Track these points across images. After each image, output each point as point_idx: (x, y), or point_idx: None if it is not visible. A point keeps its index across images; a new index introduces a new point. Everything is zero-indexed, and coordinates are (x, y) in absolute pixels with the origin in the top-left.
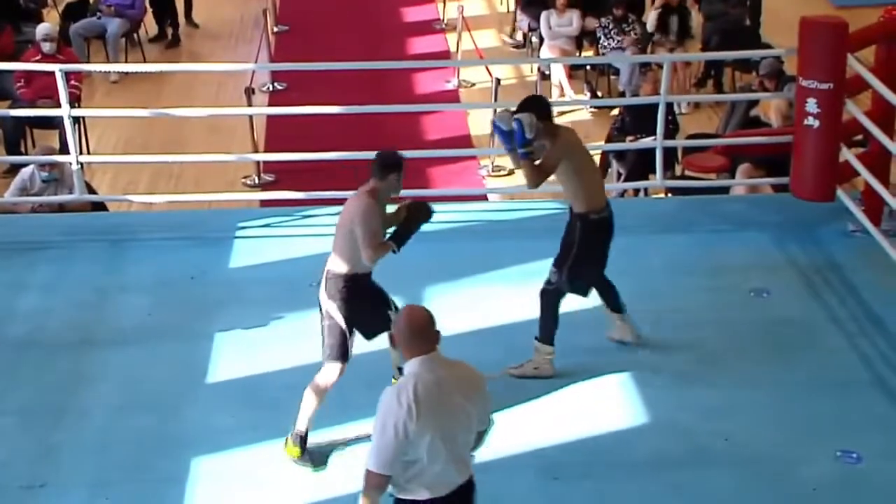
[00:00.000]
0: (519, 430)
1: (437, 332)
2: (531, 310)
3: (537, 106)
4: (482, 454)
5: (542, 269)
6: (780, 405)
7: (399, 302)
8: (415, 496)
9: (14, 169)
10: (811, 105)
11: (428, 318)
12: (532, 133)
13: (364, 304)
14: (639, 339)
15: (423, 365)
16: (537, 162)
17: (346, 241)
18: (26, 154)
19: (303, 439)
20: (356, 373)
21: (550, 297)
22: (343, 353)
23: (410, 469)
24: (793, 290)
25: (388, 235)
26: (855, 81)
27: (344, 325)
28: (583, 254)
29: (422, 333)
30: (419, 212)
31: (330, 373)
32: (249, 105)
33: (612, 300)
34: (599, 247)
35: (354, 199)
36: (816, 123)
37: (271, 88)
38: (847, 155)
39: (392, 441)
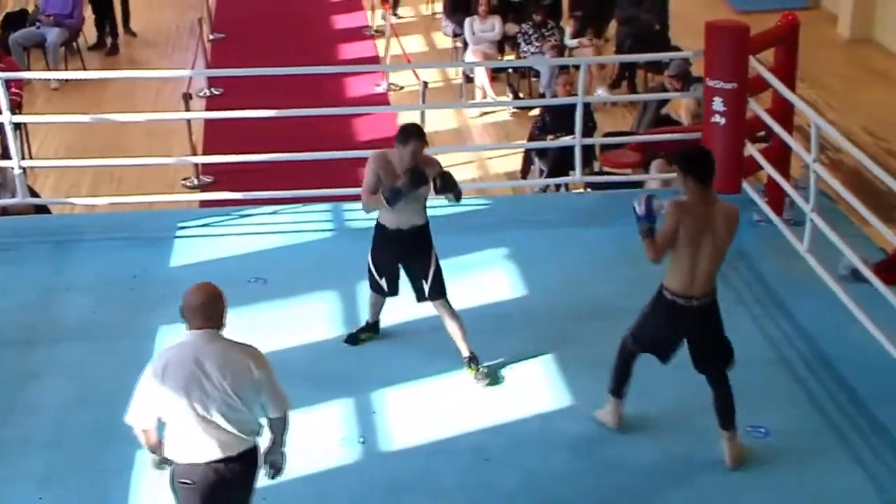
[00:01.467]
0: (452, 415)
1: (217, 312)
2: (457, 298)
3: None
4: (419, 437)
5: (467, 262)
6: (695, 385)
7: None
8: (173, 457)
9: None
10: (717, 104)
11: (208, 297)
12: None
13: (380, 252)
14: (618, 423)
15: (192, 337)
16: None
17: None
18: None
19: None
20: None
21: (619, 350)
22: (373, 286)
23: (167, 430)
24: None
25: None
26: (757, 81)
27: (370, 262)
28: (648, 322)
29: (199, 310)
30: (414, 175)
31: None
32: (187, 110)
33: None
34: (656, 324)
35: None
36: (723, 121)
37: (208, 93)
38: (751, 150)
39: (139, 397)
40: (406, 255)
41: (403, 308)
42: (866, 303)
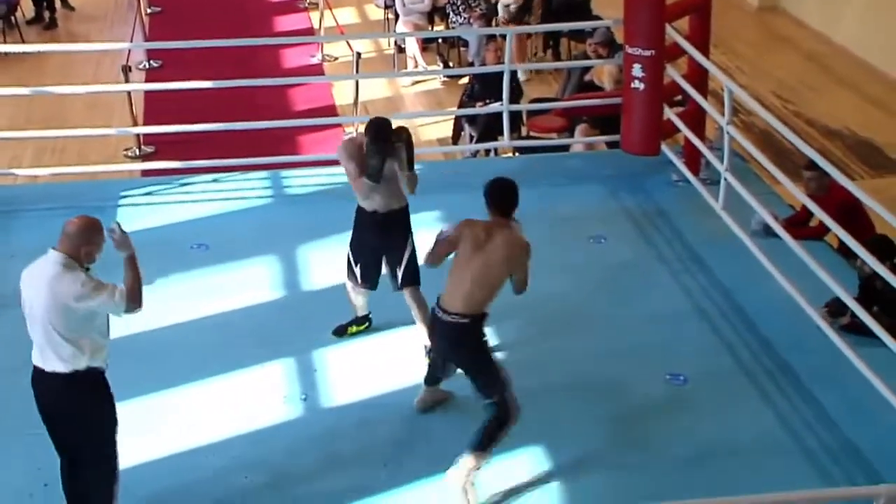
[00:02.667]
0: (390, 372)
1: (75, 244)
2: None
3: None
4: (357, 393)
5: None
6: (616, 336)
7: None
8: None
9: None
10: (637, 70)
11: (74, 228)
12: None
13: (357, 236)
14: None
15: (48, 255)
16: None
17: None
18: None
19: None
20: None
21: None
22: (348, 272)
23: None
24: (626, 235)
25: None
26: (673, 48)
27: (349, 247)
28: None
29: (64, 234)
30: (377, 142)
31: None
32: (127, 82)
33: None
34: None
35: None
36: (642, 86)
37: (147, 66)
38: (669, 114)
39: None
40: (382, 239)
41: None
42: (777, 256)
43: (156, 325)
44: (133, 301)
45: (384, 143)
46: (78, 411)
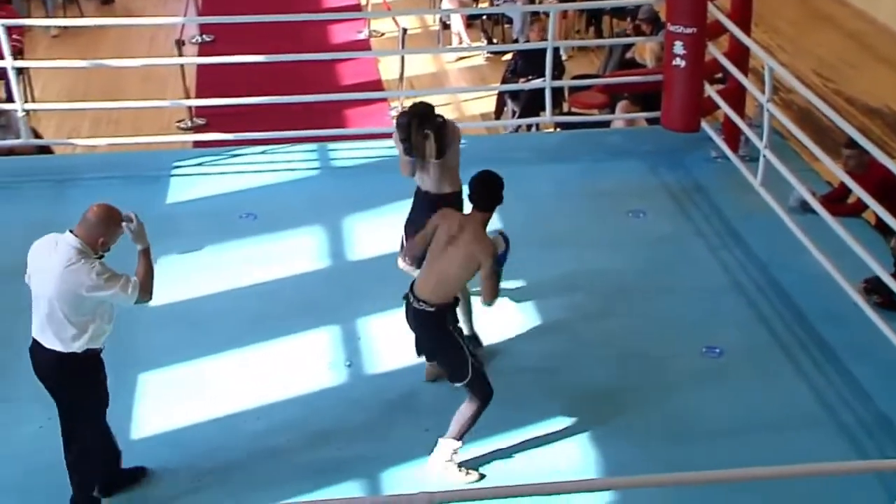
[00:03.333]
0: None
1: (93, 234)
2: None
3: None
4: (401, 361)
5: None
6: (655, 310)
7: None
8: None
9: None
10: (678, 47)
11: (94, 216)
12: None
13: (412, 212)
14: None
15: (64, 236)
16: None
17: None
18: None
19: None
20: None
21: None
22: (401, 250)
23: None
24: (665, 210)
25: None
26: (715, 26)
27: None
28: None
29: (83, 220)
30: (411, 121)
31: None
32: (181, 55)
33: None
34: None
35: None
36: (683, 63)
37: (200, 40)
38: (709, 91)
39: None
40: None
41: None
42: (814, 232)
43: (204, 292)
44: (144, 292)
45: (414, 123)
46: (68, 389)
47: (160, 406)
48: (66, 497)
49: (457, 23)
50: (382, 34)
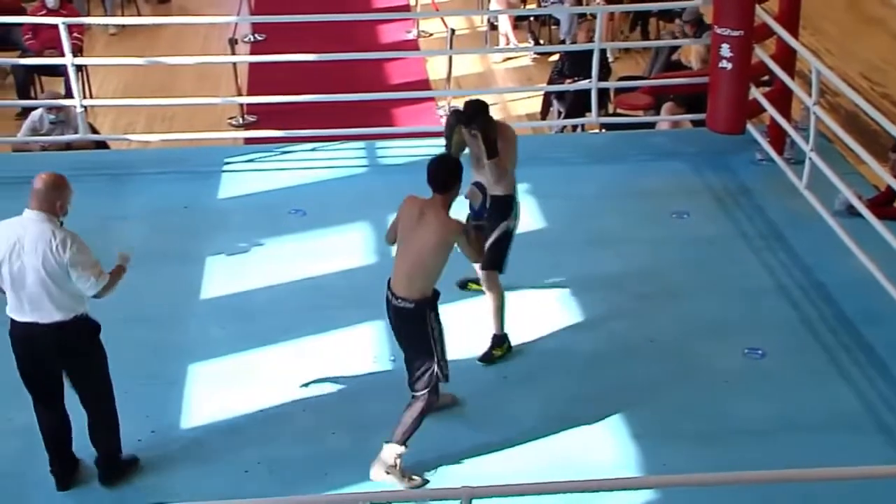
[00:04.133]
0: (476, 337)
1: (50, 200)
2: None
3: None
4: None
5: None
6: (697, 311)
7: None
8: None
9: (25, 112)
10: (725, 50)
11: (45, 185)
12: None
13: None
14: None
15: (25, 215)
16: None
17: None
18: (35, 99)
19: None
20: None
21: None
22: None
23: None
24: (708, 212)
25: None
26: (761, 28)
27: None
28: None
29: (35, 193)
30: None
31: None
32: (233, 54)
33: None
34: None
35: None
36: (729, 66)
37: (252, 39)
38: (755, 93)
39: None
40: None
41: None
42: (859, 236)
43: (254, 286)
44: (106, 289)
45: (460, 122)
46: (82, 356)
47: (211, 396)
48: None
49: (504, 24)
50: (431, 34)
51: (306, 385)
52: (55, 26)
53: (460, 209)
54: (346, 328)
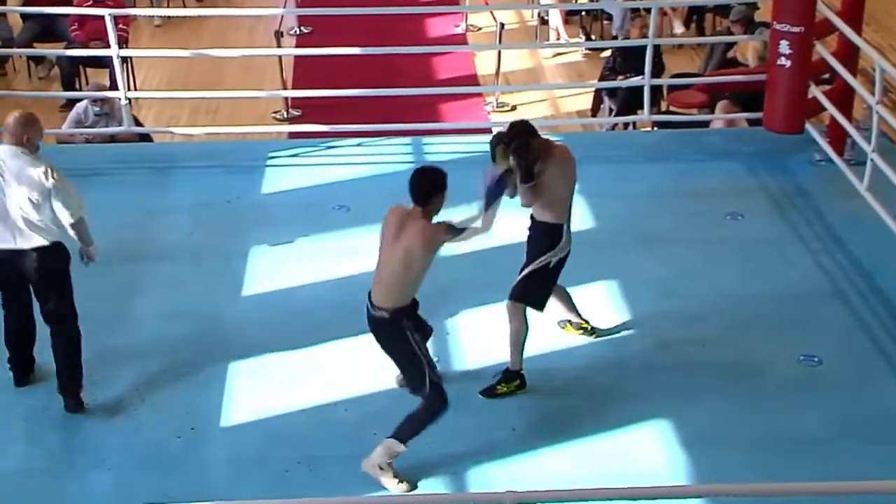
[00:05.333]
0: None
1: (21, 133)
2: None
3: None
4: (488, 359)
5: None
6: (751, 315)
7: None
8: None
9: (70, 104)
10: (784, 46)
11: (16, 120)
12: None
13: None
14: None
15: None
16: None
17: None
18: (80, 90)
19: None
20: None
21: None
22: None
23: None
24: (764, 213)
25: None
26: (823, 24)
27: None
28: None
29: (7, 127)
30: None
31: None
32: (279, 47)
33: None
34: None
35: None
36: (788, 63)
37: (298, 32)
38: (815, 92)
39: None
40: (526, 242)
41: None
42: None
43: (295, 283)
44: (81, 223)
45: (499, 141)
46: (57, 277)
47: (251, 393)
48: (161, 475)
49: (555, 18)
50: (479, 28)
51: (348, 385)
52: (101, 17)
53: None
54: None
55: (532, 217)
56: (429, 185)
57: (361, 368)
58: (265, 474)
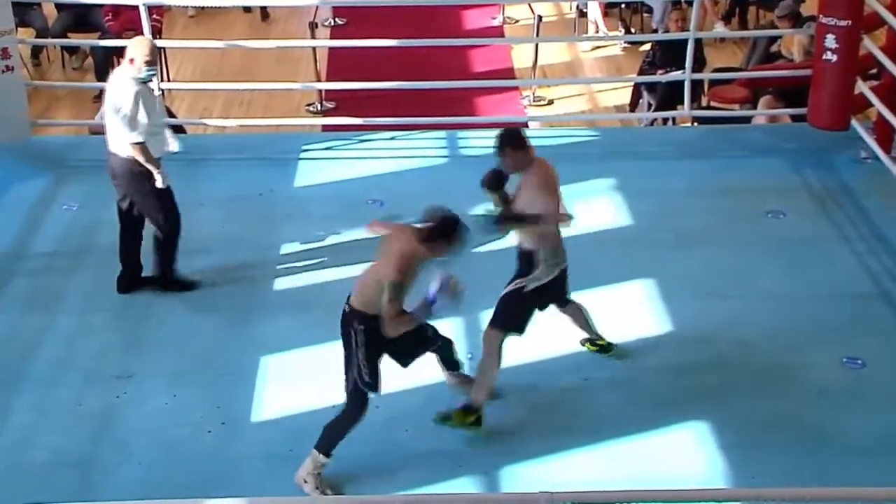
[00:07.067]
0: (551, 338)
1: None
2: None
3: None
4: (523, 356)
5: (573, 191)
6: (792, 316)
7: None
8: None
9: (103, 94)
10: (830, 41)
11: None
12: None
13: None
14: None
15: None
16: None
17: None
18: None
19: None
20: None
21: None
22: None
23: None
24: (807, 212)
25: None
26: (871, 18)
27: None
28: None
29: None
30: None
31: None
32: (313, 38)
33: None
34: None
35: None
36: (834, 58)
37: (332, 23)
38: (861, 87)
39: None
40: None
41: None
42: None
43: (328, 278)
44: (140, 145)
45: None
46: (135, 184)
47: (282, 389)
48: (191, 470)
49: (594, 11)
50: (516, 21)
51: (382, 381)
52: (135, 7)
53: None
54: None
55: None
56: (439, 229)
57: (394, 365)
58: (294, 471)
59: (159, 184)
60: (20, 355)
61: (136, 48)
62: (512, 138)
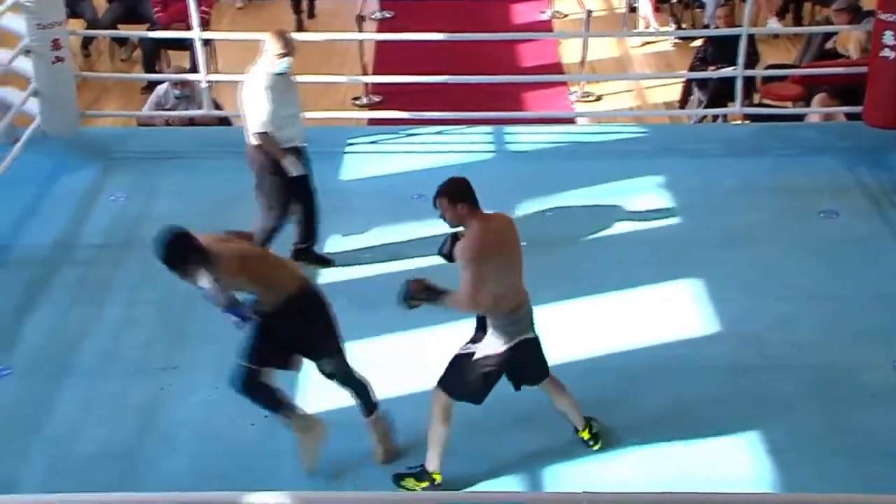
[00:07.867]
0: (598, 337)
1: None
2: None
3: None
4: (566, 356)
5: (621, 188)
6: (844, 317)
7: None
8: None
9: (151, 86)
10: (888, 37)
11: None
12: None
13: None
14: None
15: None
16: None
17: None
18: (161, 73)
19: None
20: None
21: None
22: None
23: None
24: (861, 212)
25: None
26: None
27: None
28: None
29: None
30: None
31: None
32: (360, 31)
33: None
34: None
35: None
36: (892, 55)
37: (380, 16)
38: None
39: None
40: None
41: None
42: None
43: (373, 272)
44: (264, 135)
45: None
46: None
47: (324, 384)
48: (233, 462)
49: (644, 6)
50: (566, 15)
51: (418, 379)
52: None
53: None
54: (461, 321)
55: None
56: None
57: (438, 362)
58: (337, 465)
59: (290, 172)
60: (68, 346)
61: (268, 42)
62: (449, 190)
